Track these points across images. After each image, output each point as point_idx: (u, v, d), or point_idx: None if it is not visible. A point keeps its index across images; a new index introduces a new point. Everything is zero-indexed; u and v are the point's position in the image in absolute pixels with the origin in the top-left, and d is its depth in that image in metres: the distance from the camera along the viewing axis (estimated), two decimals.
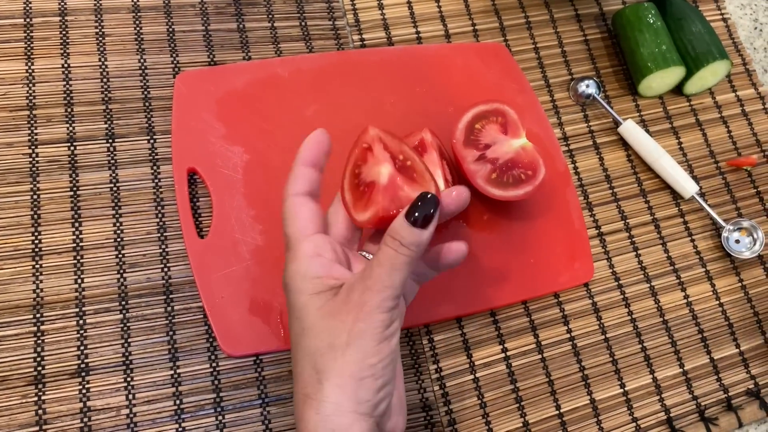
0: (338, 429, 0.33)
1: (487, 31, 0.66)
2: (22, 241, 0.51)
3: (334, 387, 0.33)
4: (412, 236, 0.34)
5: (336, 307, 0.35)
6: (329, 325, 0.34)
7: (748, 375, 0.58)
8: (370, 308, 0.34)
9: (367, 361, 0.34)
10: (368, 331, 0.34)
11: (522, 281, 0.55)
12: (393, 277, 0.34)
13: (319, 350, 0.34)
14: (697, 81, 0.65)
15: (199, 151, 0.53)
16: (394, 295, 0.34)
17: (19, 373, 0.48)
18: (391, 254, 0.34)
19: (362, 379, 0.34)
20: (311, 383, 0.34)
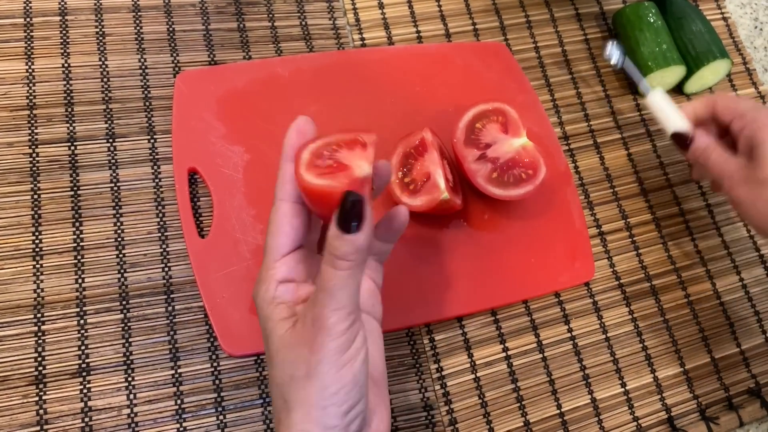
0: None
1: (487, 31, 0.66)
2: (23, 241, 0.51)
3: (301, 416, 0.33)
4: (347, 244, 0.32)
5: (294, 338, 0.34)
6: (289, 356, 0.34)
7: (749, 374, 0.58)
8: (321, 339, 0.33)
9: (329, 391, 0.33)
10: (324, 361, 0.33)
11: (523, 280, 0.55)
12: (337, 297, 0.33)
13: (283, 381, 0.34)
14: (698, 80, 0.65)
15: (199, 150, 0.53)
16: (345, 315, 0.33)
17: (20, 373, 0.48)
18: (330, 273, 0.32)
19: (325, 408, 0.33)
20: (281, 410, 0.34)
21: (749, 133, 0.50)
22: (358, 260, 0.33)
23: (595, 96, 0.66)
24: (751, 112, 0.50)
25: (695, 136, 0.53)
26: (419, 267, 0.54)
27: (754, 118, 0.50)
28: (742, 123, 0.51)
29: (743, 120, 0.51)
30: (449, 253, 0.55)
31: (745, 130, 0.50)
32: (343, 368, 0.33)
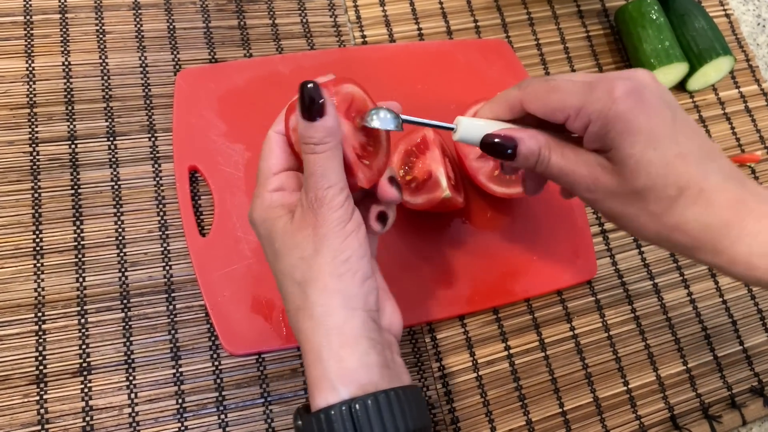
0: (333, 327, 0.34)
1: (488, 28, 0.65)
2: (23, 240, 0.50)
3: (319, 291, 0.34)
4: (318, 130, 0.34)
5: (295, 225, 0.36)
6: (294, 241, 0.35)
7: (752, 372, 0.58)
8: (322, 213, 0.35)
9: (339, 258, 0.35)
10: (329, 233, 0.34)
11: (525, 279, 0.55)
12: (327, 176, 0.35)
13: (293, 266, 0.35)
14: (700, 77, 0.65)
15: (200, 148, 0.53)
16: (338, 191, 0.35)
17: (20, 372, 0.47)
18: (312, 159, 0.35)
19: (341, 275, 0.34)
20: (298, 297, 0.35)
21: (600, 131, 0.36)
22: (334, 142, 0.35)
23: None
24: (592, 104, 0.36)
25: (520, 138, 0.38)
26: (421, 265, 0.54)
27: (601, 112, 0.35)
28: (583, 121, 0.36)
29: (583, 116, 0.36)
30: (451, 252, 0.55)
31: (591, 127, 0.36)
32: (348, 237, 0.35)
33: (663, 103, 0.36)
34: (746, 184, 0.36)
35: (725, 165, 0.36)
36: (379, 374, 0.34)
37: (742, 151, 0.66)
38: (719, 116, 0.67)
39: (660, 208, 0.36)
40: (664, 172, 0.35)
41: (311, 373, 0.34)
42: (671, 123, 0.36)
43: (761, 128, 0.67)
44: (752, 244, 0.35)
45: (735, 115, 0.67)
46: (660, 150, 0.35)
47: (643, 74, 0.37)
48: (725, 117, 0.67)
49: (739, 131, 0.67)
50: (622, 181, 0.36)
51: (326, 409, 0.33)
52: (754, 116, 0.68)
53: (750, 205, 0.35)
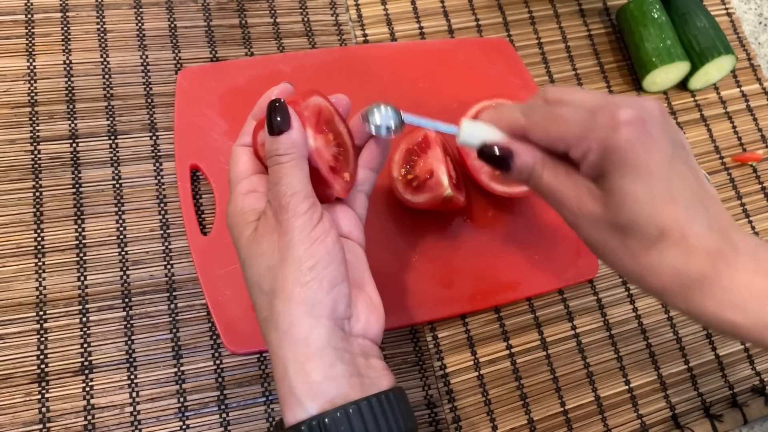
0: (299, 339, 0.34)
1: (490, 26, 0.65)
2: (25, 239, 0.50)
3: (284, 301, 0.34)
4: (282, 143, 0.35)
5: (260, 233, 0.36)
6: (260, 250, 0.35)
7: (754, 372, 0.58)
8: (286, 220, 0.35)
9: (305, 265, 0.34)
10: (294, 240, 0.34)
11: (526, 278, 0.55)
12: (290, 185, 0.35)
13: (260, 275, 0.35)
14: (702, 76, 0.65)
15: (201, 147, 0.53)
16: (301, 198, 0.35)
17: (22, 371, 0.47)
18: (277, 169, 0.35)
19: (306, 283, 0.34)
20: (265, 306, 0.35)
21: (597, 160, 0.35)
22: (298, 153, 0.36)
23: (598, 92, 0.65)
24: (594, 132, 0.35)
25: (516, 152, 0.38)
26: (422, 264, 0.54)
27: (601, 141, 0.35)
28: (582, 149, 0.35)
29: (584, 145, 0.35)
30: (452, 251, 0.54)
31: (590, 156, 0.35)
32: (313, 244, 0.35)
33: (665, 137, 0.35)
34: (729, 236, 0.35)
35: (715, 213, 0.35)
36: (348, 385, 0.33)
37: (743, 150, 0.66)
38: (721, 115, 0.67)
39: (638, 246, 0.35)
40: (649, 210, 0.34)
41: (280, 388, 0.34)
42: (668, 161, 0.35)
43: (763, 127, 0.67)
44: (723, 299, 0.34)
45: (736, 114, 0.67)
46: (650, 187, 0.34)
47: (651, 104, 0.36)
48: (727, 116, 0.67)
49: (741, 130, 0.67)
50: (606, 211, 0.36)
51: (296, 425, 0.32)
52: (755, 115, 0.68)
53: (727, 258, 0.34)
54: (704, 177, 0.37)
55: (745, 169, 0.65)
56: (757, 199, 0.64)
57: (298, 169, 0.36)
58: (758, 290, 0.34)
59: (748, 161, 0.65)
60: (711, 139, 0.66)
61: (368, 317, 0.37)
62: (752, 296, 0.34)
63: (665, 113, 0.36)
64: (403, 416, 0.34)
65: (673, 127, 0.37)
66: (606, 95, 0.37)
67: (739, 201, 0.64)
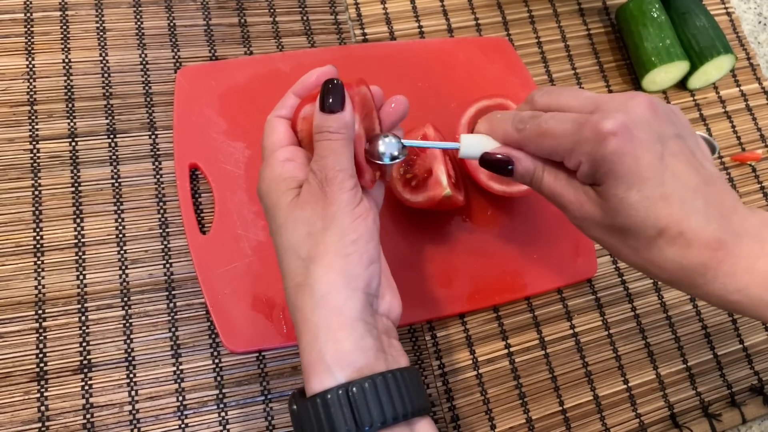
0: (333, 307, 0.34)
1: (489, 26, 0.65)
2: (24, 238, 0.50)
3: (324, 268, 0.34)
4: (335, 121, 0.36)
5: (303, 200, 0.36)
6: (302, 216, 0.36)
7: (752, 371, 0.58)
8: (332, 192, 0.35)
9: (347, 238, 0.35)
10: (339, 212, 0.35)
11: (525, 277, 0.55)
12: (339, 161, 0.36)
13: (299, 241, 0.36)
14: (701, 75, 0.65)
15: (200, 146, 0.53)
16: (348, 176, 0.36)
17: (21, 369, 0.47)
18: (325, 144, 0.36)
19: (348, 255, 0.35)
20: (300, 272, 0.35)
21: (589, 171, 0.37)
22: (348, 134, 0.36)
23: (597, 92, 0.65)
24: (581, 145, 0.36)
25: (516, 158, 0.40)
26: (421, 264, 0.54)
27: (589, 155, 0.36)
28: (575, 162, 0.37)
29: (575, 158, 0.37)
30: (451, 250, 0.55)
31: (582, 167, 0.37)
32: (357, 219, 0.35)
33: (653, 138, 0.36)
34: (730, 222, 0.36)
35: (715, 200, 0.36)
36: (375, 357, 0.34)
37: (742, 150, 0.66)
38: (720, 114, 0.67)
39: (639, 244, 0.37)
40: (644, 213, 0.35)
41: (307, 354, 0.34)
42: (658, 161, 0.35)
43: (762, 126, 0.67)
44: (727, 283, 0.36)
45: (736, 114, 0.67)
46: (643, 191, 0.35)
47: (637, 104, 0.36)
48: (726, 115, 0.67)
49: (740, 130, 0.67)
50: (604, 215, 0.37)
51: (323, 393, 0.33)
52: (755, 114, 0.68)
53: (728, 246, 0.35)
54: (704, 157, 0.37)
55: (744, 169, 0.65)
56: (756, 199, 0.64)
57: (346, 149, 0.36)
58: (761, 274, 0.35)
59: (747, 161, 0.65)
60: None
61: (392, 299, 0.39)
62: (754, 281, 0.35)
63: (654, 106, 0.37)
64: (422, 395, 0.35)
65: (665, 116, 0.37)
66: (591, 97, 0.38)
67: None
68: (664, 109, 0.37)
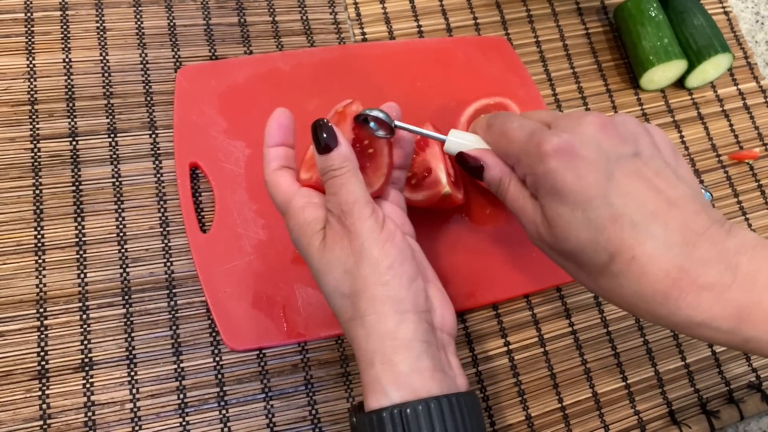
0: (386, 333, 0.34)
1: (488, 25, 0.66)
2: (25, 236, 0.51)
3: (368, 301, 0.35)
4: (335, 158, 0.37)
5: (330, 240, 0.37)
6: (333, 256, 0.36)
7: (750, 368, 0.58)
8: (354, 225, 0.36)
9: (382, 266, 0.35)
10: (366, 243, 0.35)
11: (524, 275, 0.55)
12: (352, 191, 0.36)
13: (338, 280, 0.36)
14: (699, 74, 0.65)
15: (201, 145, 0.53)
16: (364, 204, 0.36)
17: (23, 367, 0.48)
18: (334, 181, 0.37)
19: (386, 283, 0.35)
20: (348, 308, 0.36)
21: (532, 186, 0.36)
22: (351, 165, 0.37)
23: (596, 90, 0.65)
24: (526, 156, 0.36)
25: (486, 165, 0.39)
26: None
27: (530, 167, 0.36)
28: (522, 171, 0.37)
29: (522, 168, 0.37)
30: (451, 248, 0.55)
31: (527, 179, 0.37)
32: (385, 244, 0.36)
33: (600, 157, 0.33)
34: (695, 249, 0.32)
35: (677, 224, 0.32)
36: (432, 379, 0.34)
37: (740, 149, 0.66)
38: (718, 113, 0.67)
39: (592, 270, 0.35)
40: (593, 235, 0.33)
41: (365, 377, 0.35)
42: (605, 181, 0.33)
43: (760, 125, 0.67)
44: (692, 316, 0.32)
45: (733, 113, 0.68)
46: (589, 212, 0.33)
47: (587, 123, 0.35)
48: (724, 114, 0.67)
49: (738, 128, 0.67)
50: (554, 240, 0.35)
51: (377, 411, 0.33)
52: (752, 113, 0.68)
53: (692, 275, 0.32)
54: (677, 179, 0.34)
55: (741, 167, 0.65)
56: (753, 197, 0.64)
57: (355, 178, 0.37)
58: (732, 306, 0.31)
59: (745, 159, 0.65)
60: (708, 137, 0.66)
61: (443, 310, 0.39)
62: (724, 313, 0.31)
63: (607, 126, 0.35)
64: (477, 421, 0.35)
65: (621, 136, 0.35)
66: (554, 113, 0.38)
67: (735, 199, 0.64)
68: (621, 129, 0.35)
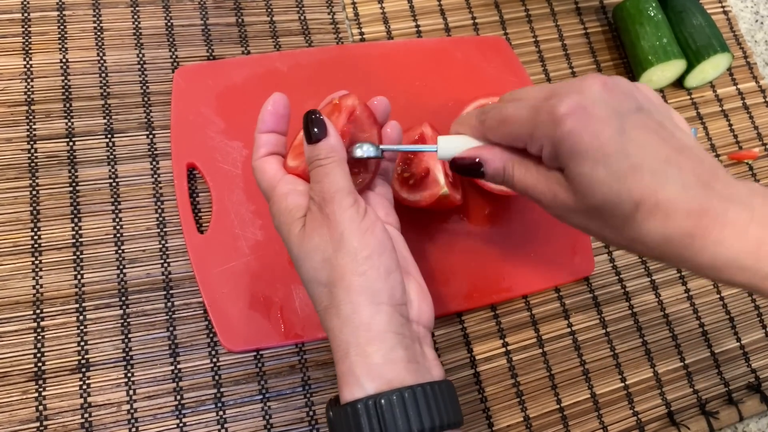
0: (360, 324, 0.35)
1: (487, 25, 0.65)
2: (22, 237, 0.51)
3: (344, 290, 0.35)
4: (322, 148, 0.37)
5: (310, 228, 0.37)
6: (311, 244, 0.36)
7: (749, 369, 0.58)
8: (334, 214, 0.36)
9: (360, 256, 0.35)
10: (346, 232, 0.36)
11: (522, 275, 0.55)
12: (334, 181, 0.36)
13: (316, 269, 0.36)
14: (698, 74, 0.65)
15: (198, 146, 0.53)
16: (346, 194, 0.36)
17: (19, 369, 0.47)
18: (319, 170, 0.37)
19: (363, 273, 0.35)
20: (325, 297, 0.36)
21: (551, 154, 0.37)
22: (338, 157, 0.37)
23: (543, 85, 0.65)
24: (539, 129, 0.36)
25: (485, 159, 0.40)
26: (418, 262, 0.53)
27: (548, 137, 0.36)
28: (537, 146, 0.37)
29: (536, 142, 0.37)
30: (449, 249, 0.55)
31: (544, 151, 0.37)
32: (365, 234, 0.36)
33: (611, 113, 0.35)
34: (712, 188, 0.34)
35: (693, 167, 0.34)
36: (406, 369, 0.34)
37: (739, 148, 0.66)
38: (717, 113, 0.67)
39: (618, 222, 0.36)
40: (616, 188, 0.34)
41: (339, 367, 0.35)
42: (619, 134, 0.34)
43: (759, 125, 0.67)
44: (716, 253, 0.34)
45: (733, 112, 0.67)
46: (610, 166, 0.34)
47: (590, 85, 0.36)
48: (723, 114, 0.67)
49: (737, 128, 0.67)
50: (578, 199, 0.36)
51: (353, 402, 0.33)
52: (751, 113, 0.68)
53: (713, 213, 0.33)
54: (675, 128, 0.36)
55: (741, 168, 0.65)
56: None
57: (339, 169, 0.37)
58: (752, 242, 0.33)
59: (744, 159, 0.65)
60: (707, 137, 0.66)
61: (420, 303, 0.39)
62: (747, 248, 0.33)
63: (608, 84, 0.36)
64: (453, 408, 0.35)
65: (623, 93, 0.36)
66: (549, 86, 0.39)
67: None
68: (622, 87, 0.37)
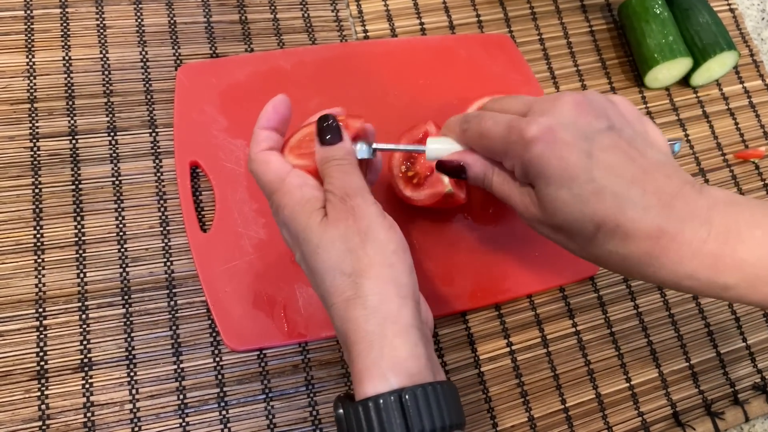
0: (388, 316, 0.35)
1: (491, 22, 0.65)
2: (24, 236, 0.50)
3: (373, 279, 0.35)
4: (338, 150, 0.39)
5: (333, 218, 0.37)
6: (338, 233, 0.36)
7: (755, 369, 0.58)
8: (359, 207, 0.36)
9: (389, 248, 0.36)
10: (372, 225, 0.36)
11: (527, 275, 0.55)
12: (355, 181, 0.38)
13: (340, 258, 0.36)
14: (704, 72, 0.64)
15: (201, 144, 0.53)
16: (367, 191, 0.38)
17: (22, 368, 0.47)
18: (337, 168, 0.38)
19: (392, 265, 0.36)
20: (348, 287, 0.35)
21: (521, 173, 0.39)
22: (352, 161, 0.39)
23: (600, 89, 0.65)
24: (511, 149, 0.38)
25: (468, 163, 0.42)
26: (422, 262, 0.53)
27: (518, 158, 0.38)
28: (509, 164, 0.39)
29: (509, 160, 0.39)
30: (453, 248, 0.54)
31: (516, 170, 0.39)
32: (390, 229, 0.37)
33: (579, 137, 0.36)
34: (672, 209, 0.35)
35: (654, 187, 0.36)
36: (426, 366, 0.34)
37: (746, 147, 0.65)
38: (723, 111, 0.67)
39: (582, 241, 0.38)
40: (579, 209, 0.36)
41: (361, 361, 0.34)
42: (586, 158, 0.36)
43: (765, 124, 0.67)
44: (674, 270, 0.36)
45: (739, 111, 0.67)
46: (573, 189, 0.36)
47: (562, 104, 0.37)
48: (729, 112, 0.67)
49: (743, 127, 0.66)
50: (545, 215, 0.38)
51: (375, 397, 0.33)
52: (758, 111, 0.67)
53: (671, 233, 0.35)
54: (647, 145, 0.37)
55: (747, 166, 0.65)
56: (759, 196, 0.64)
57: (357, 171, 0.38)
58: (708, 258, 0.35)
59: (751, 158, 0.65)
60: (713, 136, 0.65)
61: (425, 308, 0.40)
62: (703, 264, 0.35)
63: (580, 104, 0.37)
64: (461, 409, 0.36)
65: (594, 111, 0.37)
66: (526, 100, 0.40)
67: None
68: (595, 104, 0.38)
